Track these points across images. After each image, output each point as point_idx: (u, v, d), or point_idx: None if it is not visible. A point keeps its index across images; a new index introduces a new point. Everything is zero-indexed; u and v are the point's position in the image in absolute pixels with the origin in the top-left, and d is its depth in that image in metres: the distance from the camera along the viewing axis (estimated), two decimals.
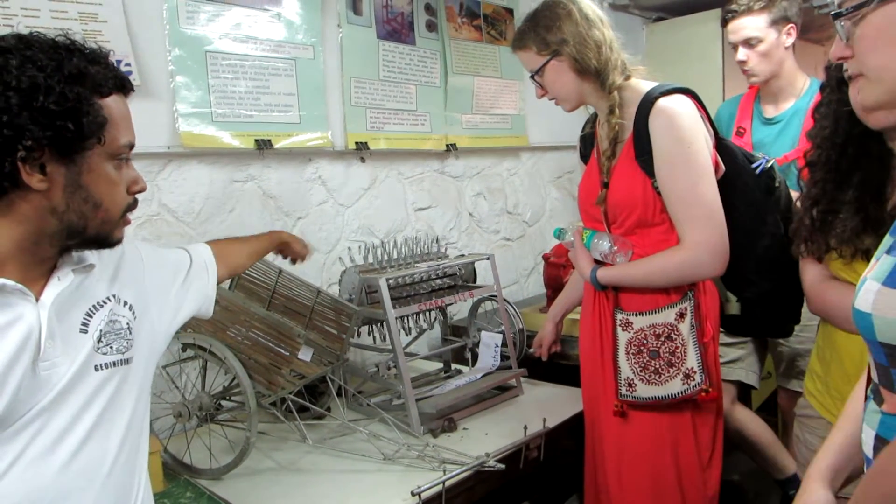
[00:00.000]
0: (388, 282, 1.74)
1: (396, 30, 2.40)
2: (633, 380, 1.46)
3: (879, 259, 0.83)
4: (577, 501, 1.75)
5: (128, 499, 0.99)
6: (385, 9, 2.36)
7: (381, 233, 2.40)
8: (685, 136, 1.38)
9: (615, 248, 1.48)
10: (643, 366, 1.45)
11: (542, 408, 1.77)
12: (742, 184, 1.50)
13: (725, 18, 2.20)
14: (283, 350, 1.59)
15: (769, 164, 1.55)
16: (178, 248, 1.25)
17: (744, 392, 2.30)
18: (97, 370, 0.94)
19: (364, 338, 2.00)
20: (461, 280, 2.04)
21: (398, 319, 1.82)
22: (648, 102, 1.41)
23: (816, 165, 1.31)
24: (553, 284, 2.29)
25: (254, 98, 2.00)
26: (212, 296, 1.25)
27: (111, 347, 0.96)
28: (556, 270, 2.32)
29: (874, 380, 0.85)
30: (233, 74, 1.95)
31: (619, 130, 1.46)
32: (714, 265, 1.41)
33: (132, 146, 0.95)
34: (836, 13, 0.81)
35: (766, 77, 2.16)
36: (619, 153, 1.47)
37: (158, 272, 1.14)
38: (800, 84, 2.18)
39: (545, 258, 2.40)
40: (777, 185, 1.56)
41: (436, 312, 2.05)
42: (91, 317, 0.95)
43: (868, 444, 0.85)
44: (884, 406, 0.81)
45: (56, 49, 0.86)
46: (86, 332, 0.94)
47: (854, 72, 0.84)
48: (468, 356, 2.07)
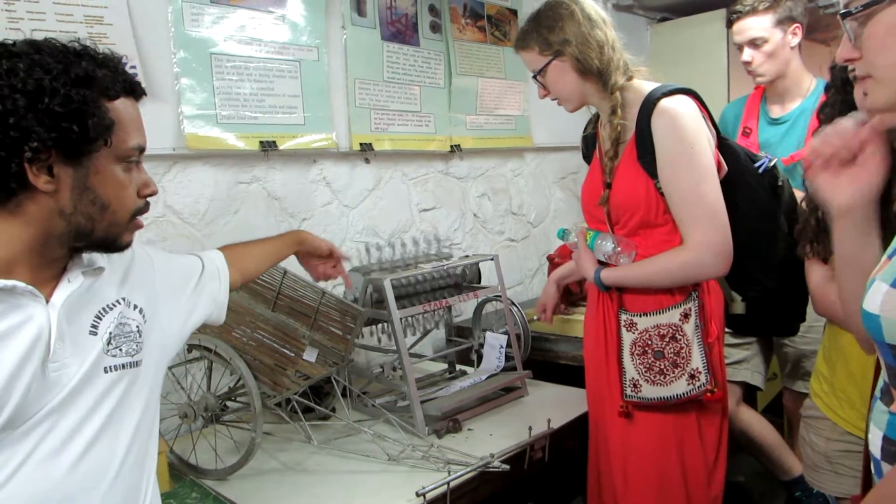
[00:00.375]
0: (393, 283, 1.74)
1: (400, 31, 2.41)
2: (638, 380, 1.46)
3: (890, 259, 0.83)
4: (582, 502, 1.75)
5: (136, 501, 0.99)
6: (389, 10, 2.37)
7: (386, 234, 2.40)
8: (688, 137, 1.38)
9: (618, 249, 1.48)
10: (648, 366, 1.45)
11: (547, 409, 1.77)
12: (745, 183, 1.50)
13: (730, 19, 2.20)
14: (288, 351, 1.59)
15: (772, 164, 1.55)
16: (191, 254, 1.26)
17: (749, 393, 2.29)
18: (106, 372, 0.94)
19: (369, 339, 2.00)
20: (466, 281, 2.04)
21: (403, 320, 1.82)
22: (651, 103, 1.40)
23: None
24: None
25: (258, 100, 2.00)
26: (223, 302, 1.25)
27: (120, 350, 0.96)
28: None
29: (884, 380, 0.85)
30: (237, 76, 1.96)
31: (622, 131, 1.46)
32: (717, 265, 1.41)
33: (143, 149, 0.95)
34: (844, 13, 0.81)
35: (772, 77, 2.16)
36: (622, 154, 1.47)
37: (169, 277, 1.14)
38: (806, 84, 2.17)
39: (550, 259, 2.39)
40: (780, 184, 1.56)
41: (440, 313, 2.05)
42: (100, 319, 0.95)
43: (876, 445, 0.84)
44: (892, 406, 0.81)
45: (65, 53, 0.87)
46: (95, 334, 0.94)
47: (862, 73, 0.84)
48: (473, 357, 2.07)
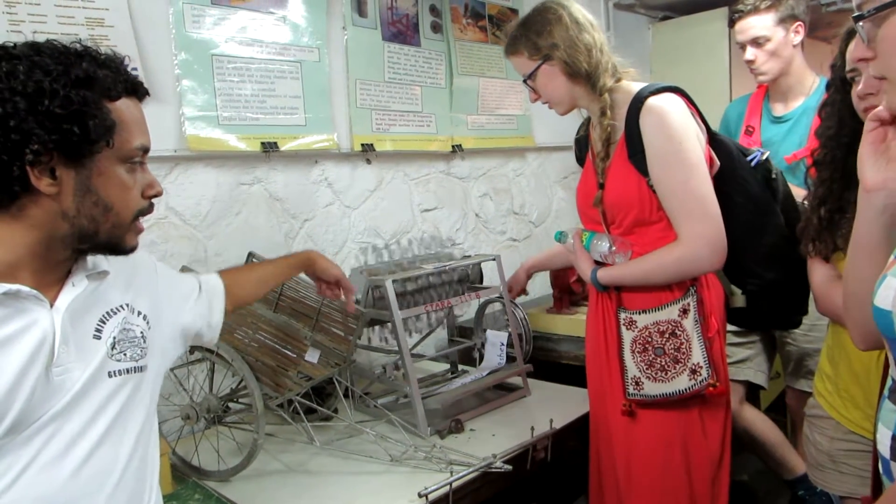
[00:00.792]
0: (395, 283, 1.74)
1: (401, 31, 2.41)
2: (640, 378, 1.46)
3: None
4: (585, 503, 1.75)
5: None
6: (390, 10, 2.36)
7: (388, 234, 2.40)
8: (675, 133, 1.39)
9: (614, 249, 1.49)
10: (649, 363, 1.45)
11: (549, 408, 1.77)
12: (739, 177, 1.51)
13: (732, 18, 2.19)
14: (290, 352, 1.60)
15: (764, 157, 1.57)
16: (190, 274, 1.25)
17: (752, 392, 2.28)
18: (111, 377, 0.94)
19: (371, 339, 2.00)
20: (468, 281, 2.04)
21: (405, 321, 1.82)
22: (639, 102, 1.42)
23: (823, 165, 1.31)
24: (559, 285, 2.29)
25: (260, 101, 2.00)
26: (217, 327, 1.24)
27: (125, 355, 0.96)
28: (562, 271, 2.32)
29: (892, 378, 0.84)
30: (239, 77, 1.96)
31: (612, 131, 1.48)
32: (712, 259, 1.42)
33: (146, 150, 0.94)
34: (858, 15, 0.81)
35: (775, 75, 2.15)
36: (613, 154, 1.48)
37: (172, 288, 1.14)
38: (809, 82, 2.17)
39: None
40: (774, 177, 1.57)
41: (442, 313, 2.05)
42: (104, 323, 0.95)
43: (884, 444, 0.84)
44: None
45: (66, 54, 0.86)
46: (99, 339, 0.94)
47: (877, 74, 0.83)
48: (475, 356, 2.07)
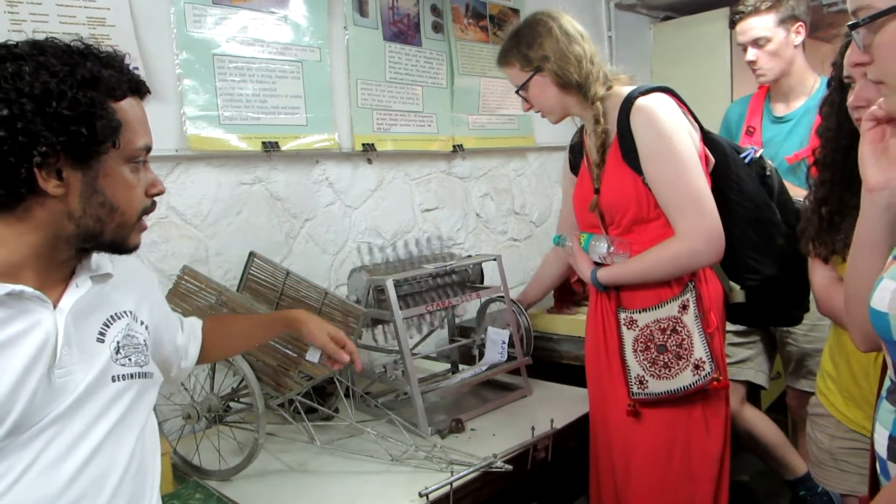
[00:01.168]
0: (395, 283, 1.74)
1: (402, 31, 2.41)
2: (644, 376, 1.47)
3: None
4: (586, 502, 1.75)
5: None
6: (391, 10, 2.37)
7: (389, 234, 2.40)
8: (665, 130, 1.41)
9: (612, 249, 1.51)
10: (652, 361, 1.46)
11: (550, 408, 1.77)
12: (734, 174, 1.53)
13: (733, 20, 2.20)
14: (291, 351, 1.59)
15: (758, 155, 1.59)
16: (174, 313, 1.24)
17: (753, 392, 2.29)
18: (114, 381, 0.93)
19: (376, 339, 2.00)
20: (469, 281, 2.04)
21: (405, 320, 1.82)
22: (628, 103, 1.45)
23: (824, 165, 1.31)
24: (560, 285, 2.28)
25: (261, 100, 2.01)
26: (185, 370, 1.24)
27: (130, 360, 0.96)
28: (564, 271, 2.31)
29: (891, 379, 0.84)
30: (240, 77, 1.96)
31: (606, 137, 1.50)
32: (710, 252, 1.43)
33: (149, 149, 0.94)
34: (854, 23, 0.81)
35: (777, 76, 2.15)
36: (608, 157, 1.50)
37: (164, 316, 1.15)
38: (810, 82, 2.17)
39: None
40: (769, 174, 1.59)
41: (443, 313, 2.05)
42: (108, 327, 0.95)
43: (882, 445, 0.84)
44: None
45: (69, 54, 0.86)
46: (102, 342, 0.93)
47: (875, 77, 0.84)
48: (475, 354, 2.07)
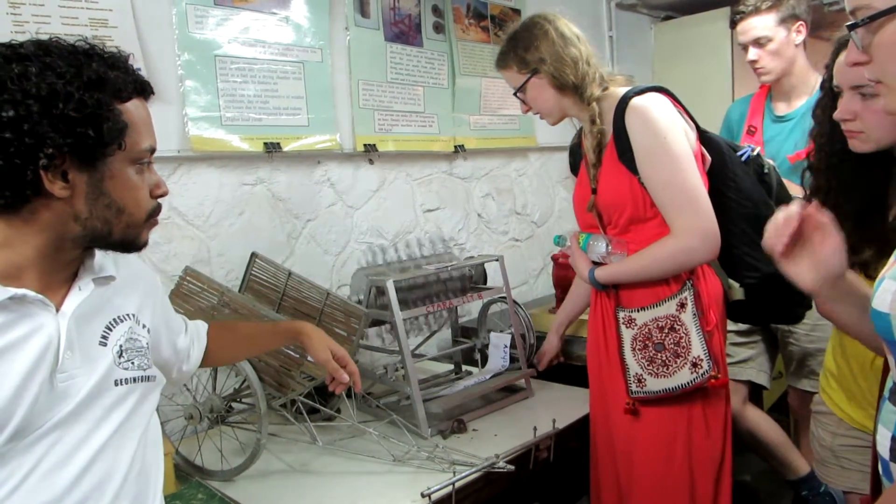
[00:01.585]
0: (397, 284, 1.75)
1: (404, 32, 2.41)
2: (642, 375, 1.47)
3: None
4: (588, 503, 1.75)
5: None
6: (392, 11, 2.37)
7: (390, 234, 2.40)
8: (660, 129, 1.42)
9: (610, 249, 1.52)
10: (650, 359, 1.47)
11: (552, 409, 1.77)
12: (731, 172, 1.53)
13: (734, 20, 2.20)
14: (293, 352, 1.60)
15: (755, 153, 1.60)
16: (179, 315, 1.24)
17: (755, 392, 2.28)
18: (117, 385, 0.93)
19: (375, 339, 2.00)
20: (471, 281, 2.04)
21: (407, 321, 1.82)
22: (623, 103, 1.46)
23: (818, 171, 1.30)
24: (562, 285, 2.28)
25: (262, 101, 2.01)
26: (186, 374, 1.24)
27: (132, 363, 0.96)
28: (565, 271, 2.31)
29: (893, 380, 0.84)
30: (241, 78, 1.96)
31: (602, 137, 1.51)
32: (705, 249, 1.43)
33: (153, 150, 0.94)
34: (852, 24, 0.81)
35: (778, 75, 2.15)
36: (604, 157, 1.51)
37: (167, 319, 1.15)
38: (812, 81, 2.16)
39: (554, 259, 2.39)
40: (766, 172, 1.60)
41: (446, 314, 2.05)
42: (111, 330, 0.95)
43: (884, 446, 0.84)
44: None
45: (75, 55, 0.86)
46: (105, 346, 0.93)
47: (873, 77, 0.84)
48: (477, 356, 2.07)
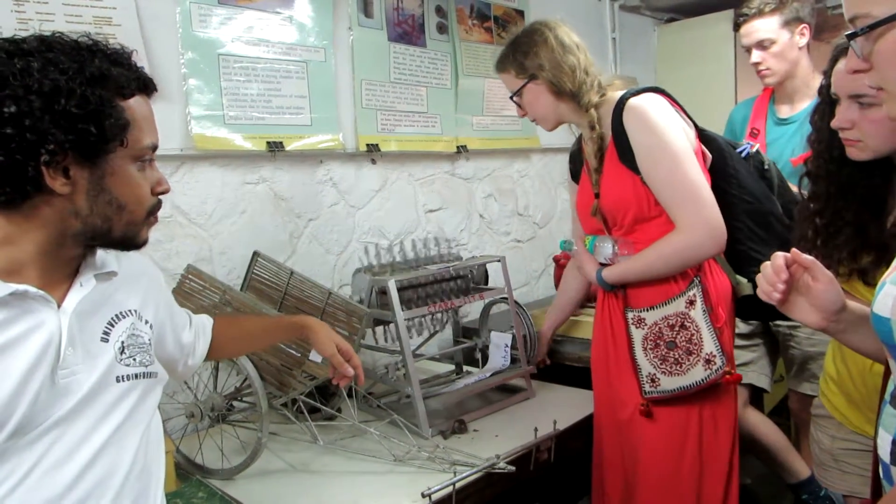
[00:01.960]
0: (399, 284, 1.75)
1: (407, 32, 2.41)
2: (655, 374, 1.47)
3: None
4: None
5: None
6: (396, 11, 2.37)
7: (392, 234, 2.40)
8: (657, 127, 1.43)
9: (617, 250, 1.52)
10: (662, 358, 1.47)
11: (553, 410, 1.77)
12: (731, 168, 1.55)
13: (737, 22, 2.20)
14: (295, 351, 1.60)
15: (754, 149, 1.61)
16: (182, 308, 1.24)
17: (756, 396, 2.28)
18: (119, 381, 0.92)
19: (379, 339, 2.00)
20: (472, 282, 2.04)
21: (409, 321, 1.82)
22: (620, 105, 1.47)
23: (817, 177, 1.30)
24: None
25: (265, 100, 2.01)
26: (192, 367, 1.23)
27: (134, 359, 0.95)
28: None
29: (894, 383, 0.84)
30: (245, 77, 1.96)
31: (602, 141, 1.52)
32: (711, 243, 1.44)
33: (155, 147, 0.94)
34: (852, 33, 0.81)
35: (782, 77, 2.15)
36: (605, 161, 1.52)
37: (171, 314, 1.14)
38: (815, 84, 2.15)
39: (556, 260, 2.39)
40: (767, 168, 1.61)
41: (447, 314, 2.05)
42: (112, 326, 0.94)
43: (885, 449, 0.84)
44: None
45: (78, 51, 0.85)
46: (107, 342, 0.92)
47: (874, 84, 0.84)
48: (478, 356, 2.07)
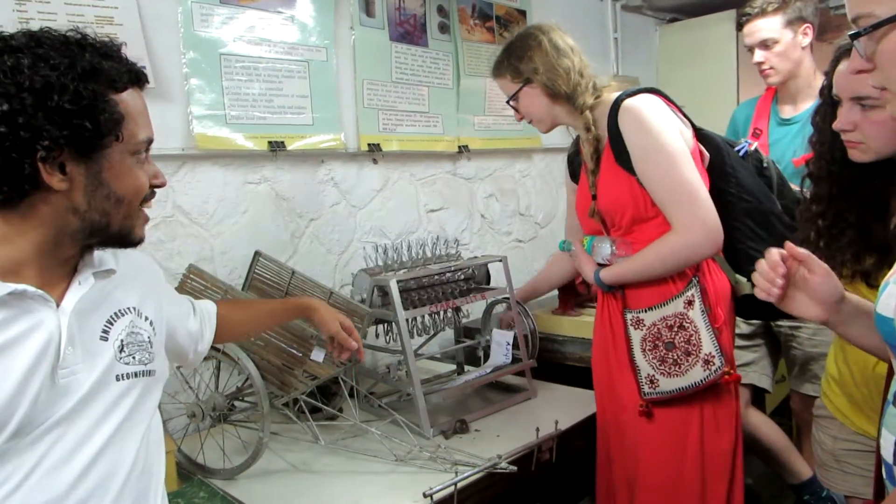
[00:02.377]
0: (400, 283, 1.75)
1: (409, 32, 2.41)
2: (654, 375, 1.47)
3: None
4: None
5: None
6: (398, 11, 2.37)
7: (394, 234, 2.40)
8: (652, 127, 1.43)
9: (615, 250, 1.52)
10: (661, 359, 1.47)
11: (554, 410, 1.77)
12: (729, 167, 1.55)
13: (740, 22, 2.20)
14: (296, 351, 1.60)
15: (753, 148, 1.62)
16: (184, 296, 1.24)
17: (757, 396, 2.28)
18: (118, 380, 0.92)
19: (380, 339, 2.00)
20: (475, 282, 2.04)
21: (410, 321, 1.82)
22: (616, 106, 1.47)
23: (819, 179, 1.29)
24: (564, 286, 2.28)
25: (267, 100, 2.01)
26: (201, 353, 1.23)
27: (133, 358, 0.95)
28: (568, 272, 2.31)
29: None
30: (246, 77, 1.96)
31: (598, 142, 1.53)
32: (708, 243, 1.44)
33: (151, 141, 0.93)
34: (855, 33, 0.81)
35: (785, 77, 2.15)
36: (602, 162, 1.52)
37: (173, 305, 1.14)
38: (818, 84, 2.15)
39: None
40: (766, 166, 1.62)
41: (449, 314, 2.05)
42: (112, 325, 0.94)
43: (888, 450, 0.84)
44: None
45: (67, 45, 0.84)
46: (106, 340, 0.92)
47: (877, 84, 0.84)
48: (480, 355, 2.07)
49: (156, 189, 0.96)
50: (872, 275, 1.17)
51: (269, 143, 2.00)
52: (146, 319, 1.01)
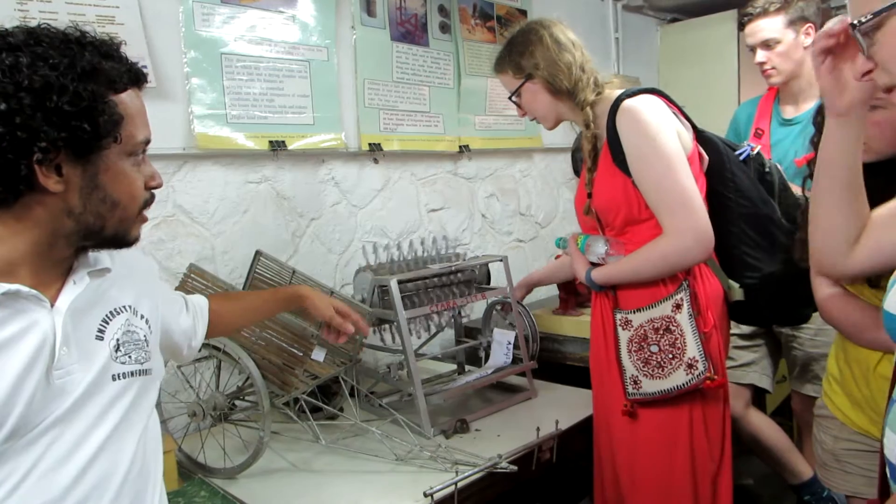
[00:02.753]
0: (401, 283, 1.75)
1: (410, 31, 2.41)
2: (638, 376, 1.47)
3: None
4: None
5: None
6: (399, 10, 2.37)
7: (394, 234, 2.40)
8: (650, 130, 1.42)
9: (608, 250, 1.52)
10: (645, 361, 1.46)
11: (555, 409, 1.77)
12: (728, 171, 1.54)
13: (742, 21, 2.20)
14: (297, 350, 1.60)
15: (755, 152, 1.60)
16: (176, 292, 1.24)
17: (758, 396, 2.28)
18: (115, 380, 0.91)
19: (380, 338, 2.00)
20: (475, 282, 2.04)
21: (411, 321, 1.82)
22: (615, 105, 1.47)
23: None
24: (565, 286, 2.28)
25: (268, 100, 2.01)
26: (195, 348, 1.23)
27: (130, 357, 0.94)
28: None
29: None
30: (247, 76, 1.96)
31: (597, 140, 1.52)
32: (698, 249, 1.43)
33: (148, 142, 0.92)
34: (854, 24, 0.81)
35: (786, 77, 2.15)
36: (599, 160, 1.52)
37: (167, 301, 1.13)
38: None
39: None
40: (768, 171, 1.60)
41: (450, 314, 2.05)
42: (107, 324, 0.92)
43: (892, 450, 0.84)
44: None
45: (67, 44, 0.83)
46: (101, 340, 0.91)
47: (883, 84, 0.83)
48: (481, 355, 2.07)
49: (154, 192, 0.95)
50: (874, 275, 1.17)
51: (270, 143, 2.01)
52: (142, 318, 0.99)
